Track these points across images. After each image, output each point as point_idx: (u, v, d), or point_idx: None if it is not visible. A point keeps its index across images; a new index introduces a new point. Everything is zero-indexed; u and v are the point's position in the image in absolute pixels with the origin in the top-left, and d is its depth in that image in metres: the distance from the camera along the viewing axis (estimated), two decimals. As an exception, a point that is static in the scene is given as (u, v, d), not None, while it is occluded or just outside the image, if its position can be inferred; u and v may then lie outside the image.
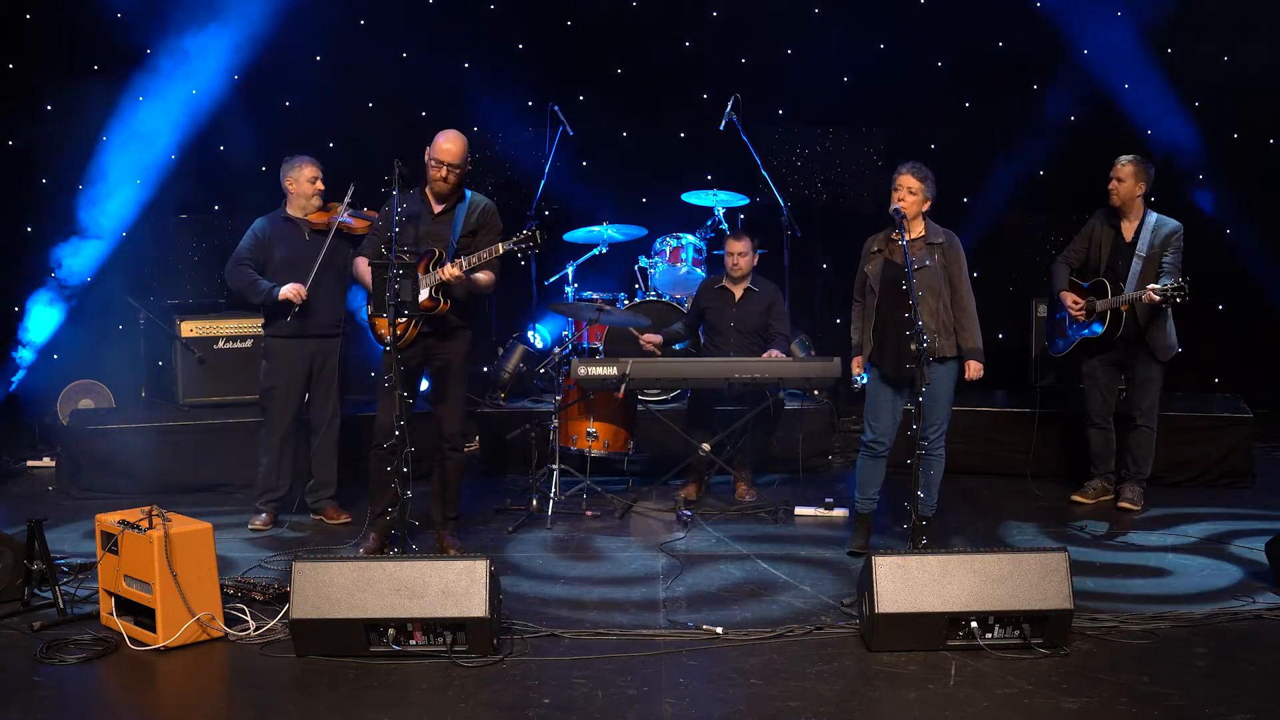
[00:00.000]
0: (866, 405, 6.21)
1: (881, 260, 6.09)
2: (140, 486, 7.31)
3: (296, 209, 6.81)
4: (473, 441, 8.61)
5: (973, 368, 6.05)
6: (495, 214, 6.21)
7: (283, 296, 6.61)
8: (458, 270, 5.87)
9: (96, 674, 4.84)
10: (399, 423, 5.53)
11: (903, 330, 5.73)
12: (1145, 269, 6.85)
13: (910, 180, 5.99)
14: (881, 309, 6.06)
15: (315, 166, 6.82)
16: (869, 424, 6.18)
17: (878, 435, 6.15)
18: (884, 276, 6.05)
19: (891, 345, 6.01)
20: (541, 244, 5.91)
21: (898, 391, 6.10)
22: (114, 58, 8.86)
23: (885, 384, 6.11)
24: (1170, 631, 5.10)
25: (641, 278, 8.80)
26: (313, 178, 6.80)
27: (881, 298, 6.06)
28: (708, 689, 4.65)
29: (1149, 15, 8.94)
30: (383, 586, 4.84)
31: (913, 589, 4.85)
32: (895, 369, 6.02)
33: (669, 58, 9.56)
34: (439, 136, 6.10)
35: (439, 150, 6.06)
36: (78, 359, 8.90)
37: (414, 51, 9.38)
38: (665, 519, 6.99)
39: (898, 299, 5.91)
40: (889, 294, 6.02)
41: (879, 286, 6.07)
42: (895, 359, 6.00)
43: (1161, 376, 7.02)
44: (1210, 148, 9.14)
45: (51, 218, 8.85)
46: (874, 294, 6.09)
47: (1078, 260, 7.12)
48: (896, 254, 6.01)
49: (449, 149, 6.05)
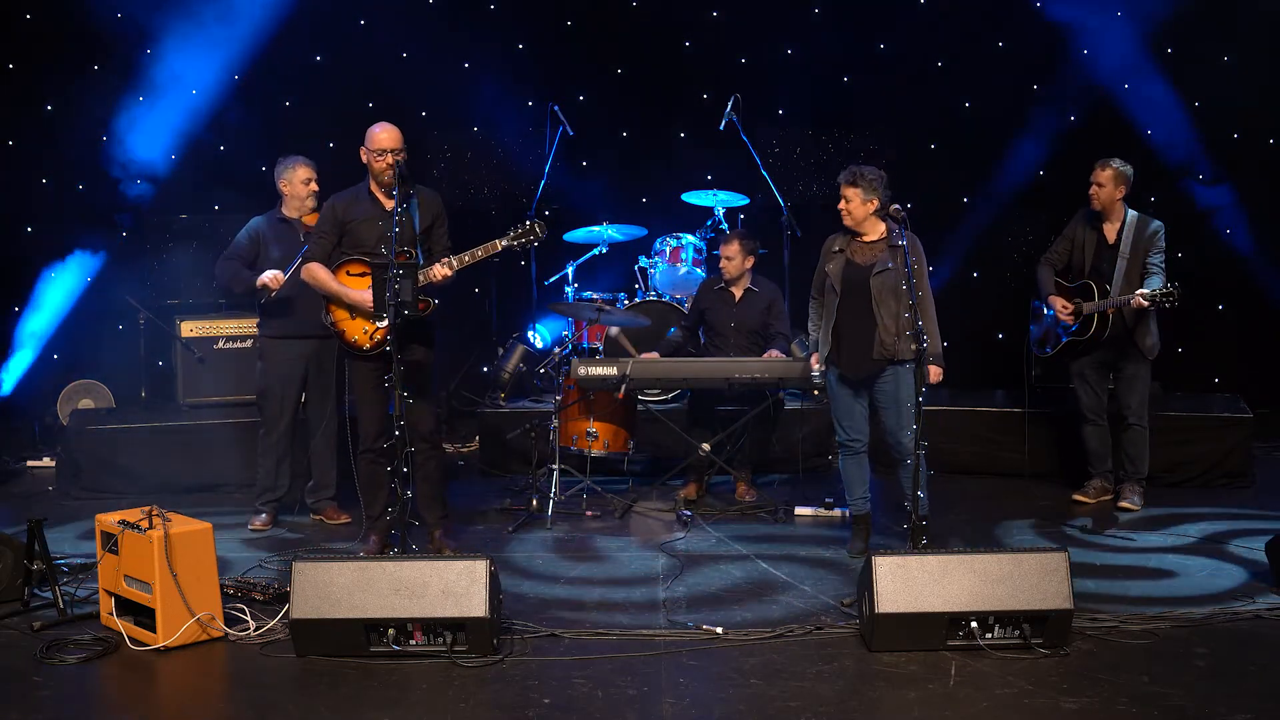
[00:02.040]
0: (833, 406, 6.22)
1: (843, 260, 6.07)
2: (140, 486, 7.32)
3: (291, 210, 6.81)
4: (473, 441, 8.62)
5: (934, 372, 5.96)
6: (442, 205, 6.13)
7: (260, 283, 6.60)
8: (448, 271, 5.82)
9: (96, 674, 4.84)
10: (399, 423, 5.52)
11: (861, 332, 5.77)
12: (1129, 269, 6.87)
13: (845, 189, 5.99)
14: (842, 309, 6.05)
15: (309, 168, 6.81)
16: (839, 424, 6.18)
17: (851, 434, 6.15)
18: (845, 277, 6.04)
19: (850, 346, 6.02)
20: (542, 236, 5.86)
21: (858, 391, 6.10)
22: (114, 58, 8.88)
23: (844, 384, 6.11)
24: (1170, 631, 5.09)
25: (641, 278, 8.80)
26: (306, 179, 6.79)
27: (842, 298, 6.04)
28: (708, 689, 4.65)
29: (1149, 15, 8.95)
30: (383, 586, 4.84)
31: (913, 589, 4.84)
32: (853, 369, 6.03)
33: (669, 58, 9.56)
34: (372, 130, 5.97)
35: (377, 140, 5.92)
36: (78, 359, 8.91)
37: (414, 51, 9.39)
38: (665, 519, 6.99)
39: (858, 300, 5.93)
40: (849, 294, 6.01)
41: (840, 286, 6.05)
42: (853, 359, 6.01)
43: (1149, 374, 7.04)
44: (1210, 148, 9.14)
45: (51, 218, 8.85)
46: (834, 294, 6.07)
47: (1060, 262, 7.14)
48: (858, 254, 6.02)
49: (387, 135, 5.92)
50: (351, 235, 6.01)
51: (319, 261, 6.01)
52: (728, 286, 7.41)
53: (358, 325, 5.97)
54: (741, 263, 7.34)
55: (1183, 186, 9.09)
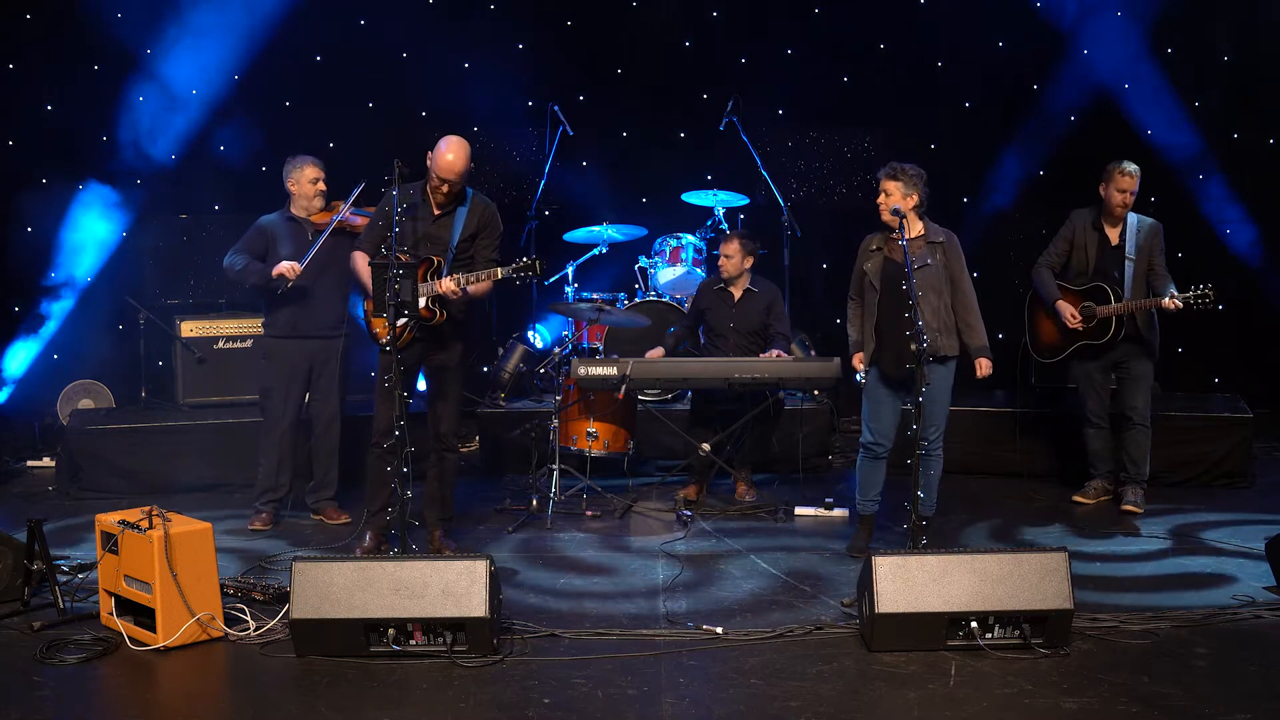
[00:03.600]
0: (865, 407, 6.20)
1: (881, 258, 6.08)
2: (140, 486, 7.33)
3: (299, 209, 6.82)
4: (472, 441, 8.62)
5: (983, 365, 6.04)
6: (496, 215, 6.16)
7: (276, 272, 6.61)
8: (454, 286, 5.83)
9: (96, 674, 4.84)
10: (399, 423, 5.53)
11: (903, 329, 5.73)
12: (1137, 271, 6.88)
13: (886, 184, 6.00)
14: (882, 307, 6.06)
15: (317, 167, 6.83)
16: (868, 426, 6.17)
17: (877, 437, 6.15)
18: (884, 275, 6.05)
19: (892, 344, 6.01)
20: (540, 274, 5.91)
21: (897, 392, 6.10)
22: (114, 58, 8.87)
23: (884, 384, 6.10)
24: (1170, 631, 5.09)
25: (641, 278, 8.80)
26: (314, 178, 6.80)
27: (882, 296, 6.05)
28: (708, 689, 4.65)
29: (1149, 15, 8.94)
30: (383, 586, 4.84)
31: (913, 589, 4.85)
32: (895, 368, 6.02)
33: (669, 58, 9.55)
34: (442, 146, 5.94)
35: (441, 165, 5.91)
36: (78, 359, 8.91)
37: (414, 51, 9.38)
38: (665, 519, 6.99)
39: (899, 298, 5.90)
40: (890, 292, 6.01)
41: (879, 284, 6.06)
42: (895, 358, 5.99)
43: (1152, 375, 7.04)
44: (1210, 148, 9.14)
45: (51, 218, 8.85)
46: (874, 291, 6.08)
47: (1059, 263, 7.12)
48: (896, 252, 6.00)
49: (451, 163, 5.90)
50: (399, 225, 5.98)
51: (364, 252, 6.07)
52: (727, 287, 7.41)
53: (383, 319, 5.97)
54: (740, 262, 7.33)
55: (1182, 186, 9.08)
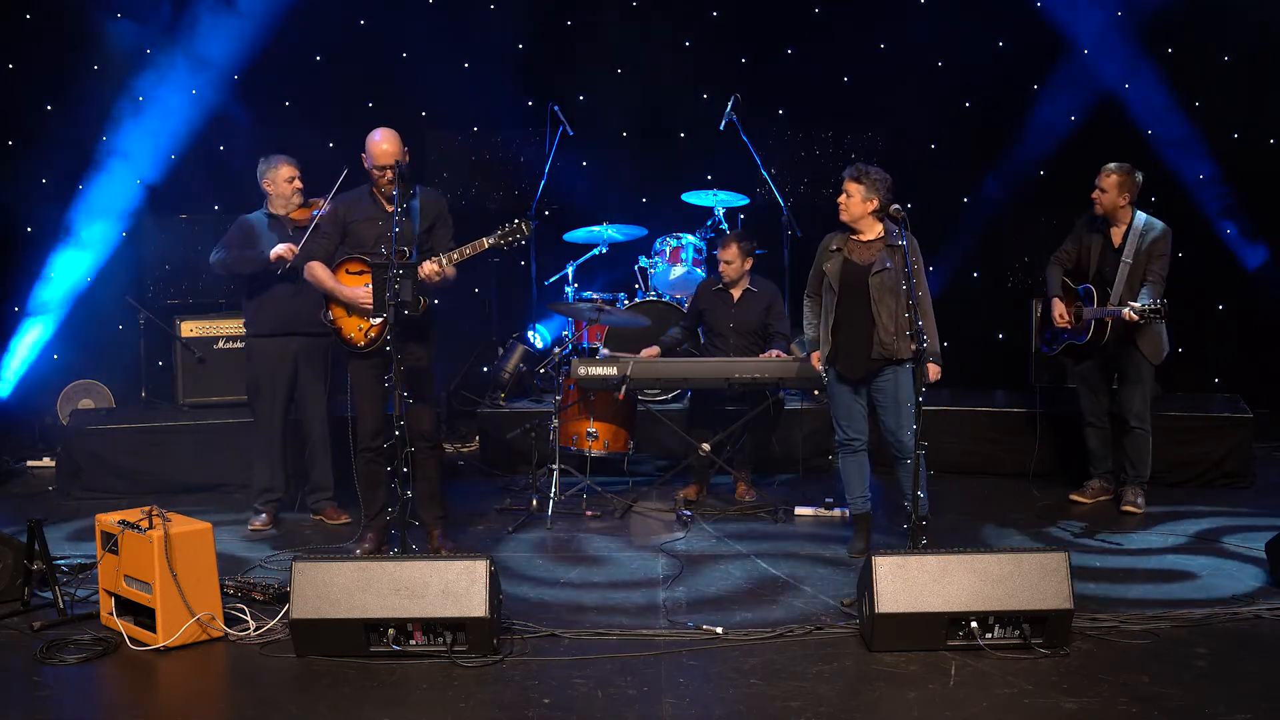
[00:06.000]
0: (832, 406, 6.22)
1: (840, 259, 6.08)
2: (140, 486, 7.33)
3: (278, 207, 6.83)
4: (472, 441, 8.62)
5: (933, 371, 5.98)
6: (445, 205, 6.17)
7: (275, 255, 6.60)
8: (435, 268, 5.80)
9: (96, 674, 4.84)
10: (399, 422, 5.52)
11: (860, 331, 5.79)
12: (1131, 274, 6.83)
13: (849, 184, 6.00)
14: (840, 309, 6.05)
15: (292, 166, 6.82)
16: (839, 424, 6.18)
17: (850, 432, 6.15)
18: (843, 276, 6.05)
19: (848, 345, 6.02)
20: (529, 235, 5.85)
21: (856, 390, 6.10)
22: (114, 57, 8.87)
23: (843, 383, 6.12)
24: (1170, 631, 5.09)
25: (641, 278, 8.80)
26: (290, 177, 6.80)
27: (840, 298, 6.05)
28: (708, 689, 4.65)
29: (1149, 15, 8.94)
30: (383, 586, 4.84)
31: (913, 589, 4.85)
32: (851, 369, 6.03)
33: (669, 58, 9.55)
34: (375, 136, 5.97)
35: (376, 153, 5.94)
36: (78, 359, 8.91)
37: (414, 51, 9.38)
38: (665, 519, 6.99)
39: (856, 300, 5.94)
40: (848, 295, 6.02)
41: (838, 286, 6.05)
42: (851, 359, 6.01)
43: (1152, 378, 7.01)
44: (1210, 148, 9.13)
45: (51, 218, 8.85)
46: (832, 293, 6.08)
47: (1069, 262, 7.11)
48: (856, 253, 6.02)
49: (386, 150, 5.93)
50: (353, 235, 6.08)
51: (319, 260, 6.07)
52: (726, 287, 7.41)
53: (353, 323, 6.01)
54: (740, 265, 7.34)
55: (1181, 187, 9.07)
